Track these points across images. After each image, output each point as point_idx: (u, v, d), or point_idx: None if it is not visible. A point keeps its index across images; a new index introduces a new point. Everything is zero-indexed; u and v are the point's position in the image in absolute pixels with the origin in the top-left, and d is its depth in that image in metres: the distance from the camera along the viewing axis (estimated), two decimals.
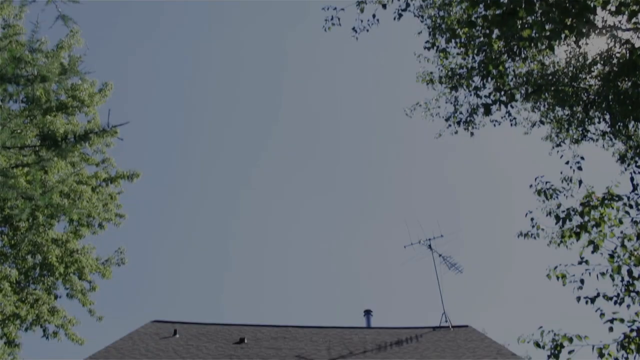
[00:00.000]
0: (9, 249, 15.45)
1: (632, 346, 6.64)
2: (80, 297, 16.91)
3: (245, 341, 16.32)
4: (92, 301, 17.22)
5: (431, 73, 15.49)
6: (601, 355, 6.68)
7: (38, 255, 15.74)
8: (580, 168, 8.26)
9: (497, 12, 6.23)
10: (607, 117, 13.92)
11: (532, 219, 8.58)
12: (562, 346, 6.94)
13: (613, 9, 8.61)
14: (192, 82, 46.69)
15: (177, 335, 16.73)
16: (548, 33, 6.60)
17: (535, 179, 8.71)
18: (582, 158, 8.28)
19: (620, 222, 7.61)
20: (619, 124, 13.59)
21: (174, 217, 48.40)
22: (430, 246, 20.04)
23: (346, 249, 52.72)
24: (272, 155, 49.41)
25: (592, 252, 7.65)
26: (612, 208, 7.66)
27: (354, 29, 13.46)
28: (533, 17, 6.63)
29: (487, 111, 12.83)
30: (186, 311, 55.86)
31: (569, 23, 6.23)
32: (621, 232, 7.57)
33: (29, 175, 12.74)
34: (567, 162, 8.37)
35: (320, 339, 16.95)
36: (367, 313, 19.85)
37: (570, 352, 6.85)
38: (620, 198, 7.59)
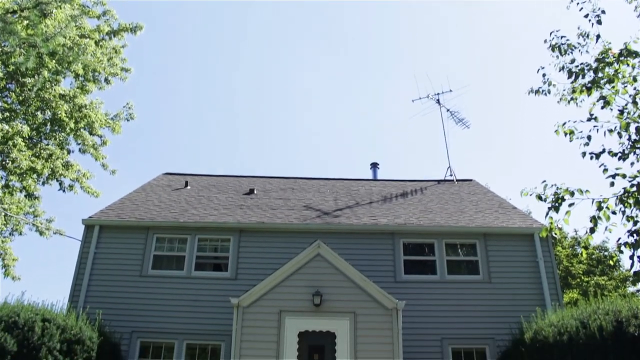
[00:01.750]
0: (18, 105, 15.52)
1: (631, 200, 6.84)
2: (92, 151, 17.38)
3: (255, 192, 16.94)
4: (105, 155, 17.75)
5: None
6: (600, 208, 6.91)
7: (47, 111, 15.86)
8: (599, 22, 7.90)
9: None
10: None
11: (544, 75, 8.42)
12: (563, 199, 7.14)
13: None
14: None
15: (189, 186, 17.36)
16: None
17: (551, 34, 8.41)
18: (603, 12, 7.89)
19: (635, 79, 7.46)
20: None
21: (180, 71, 47.83)
22: (438, 101, 20.03)
23: (354, 102, 52.67)
24: (278, 3, 47.52)
25: (602, 107, 7.58)
26: (628, 65, 7.49)
27: None
28: None
29: None
30: (197, 164, 57.33)
31: None
32: (634, 89, 7.47)
33: (29, 28, 12.40)
34: (586, 16, 7.99)
35: (327, 190, 17.56)
36: (374, 166, 20.35)
37: (570, 204, 7.06)
38: (637, 55, 7.38)
